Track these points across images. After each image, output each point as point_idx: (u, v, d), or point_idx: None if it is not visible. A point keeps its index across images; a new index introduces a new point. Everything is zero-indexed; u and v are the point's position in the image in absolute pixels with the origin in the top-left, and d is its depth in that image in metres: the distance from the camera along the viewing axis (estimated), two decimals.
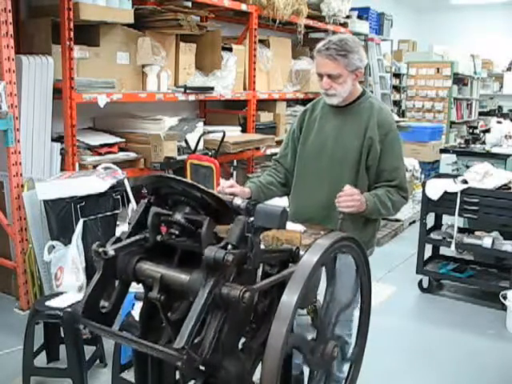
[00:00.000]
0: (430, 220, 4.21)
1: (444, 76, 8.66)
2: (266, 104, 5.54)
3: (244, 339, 1.61)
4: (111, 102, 3.76)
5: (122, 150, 3.99)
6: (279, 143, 4.61)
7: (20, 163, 3.35)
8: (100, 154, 3.82)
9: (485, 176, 3.89)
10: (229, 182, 2.21)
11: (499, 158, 4.74)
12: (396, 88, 9.74)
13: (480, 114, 10.49)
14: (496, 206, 3.74)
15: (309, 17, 5.65)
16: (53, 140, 3.67)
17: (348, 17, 6.43)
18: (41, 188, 3.28)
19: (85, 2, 3.55)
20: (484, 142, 5.31)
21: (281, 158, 2.52)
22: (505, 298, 3.59)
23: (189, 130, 4.33)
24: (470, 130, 6.18)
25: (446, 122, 8.62)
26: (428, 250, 4.27)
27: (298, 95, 5.77)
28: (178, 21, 4.14)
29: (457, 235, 3.93)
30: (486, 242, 3.89)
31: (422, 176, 6.19)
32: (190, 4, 4.62)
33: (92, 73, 3.76)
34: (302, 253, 1.61)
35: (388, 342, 3.27)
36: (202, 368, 1.43)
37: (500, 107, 11.29)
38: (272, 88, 5.49)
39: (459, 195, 3.81)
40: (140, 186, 1.62)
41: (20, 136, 3.35)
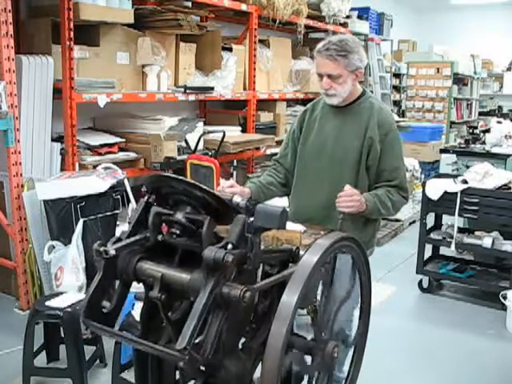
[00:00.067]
0: (430, 220, 4.21)
1: (444, 76, 8.66)
2: (266, 104, 5.53)
3: (244, 339, 1.62)
4: (111, 102, 3.76)
5: (122, 149, 3.99)
6: (279, 143, 4.61)
7: (20, 163, 3.35)
8: (100, 154, 3.82)
9: (485, 176, 3.89)
10: (229, 182, 2.21)
11: (499, 158, 4.74)
12: (396, 88, 9.74)
13: (480, 113, 10.49)
14: (496, 206, 3.74)
15: (309, 17, 5.65)
16: (53, 140, 3.67)
17: (348, 17, 6.43)
18: (41, 188, 3.28)
19: (85, 2, 3.55)
20: (484, 142, 5.31)
21: (281, 158, 2.52)
22: (505, 297, 3.59)
23: (189, 130, 4.33)
24: (470, 130, 6.18)
25: (446, 122, 8.61)
26: (428, 250, 4.27)
27: (298, 95, 5.77)
28: (178, 21, 4.13)
29: (457, 235, 3.93)
30: (486, 242, 3.89)
31: (422, 176, 6.19)
32: (189, 4, 4.62)
33: (92, 73, 3.76)
34: (301, 253, 1.61)
35: (388, 342, 3.27)
36: (202, 368, 1.44)
37: (500, 107, 11.29)
38: (272, 88, 5.49)
39: (459, 195, 3.81)
40: (140, 185, 1.61)
41: (20, 136, 3.35)
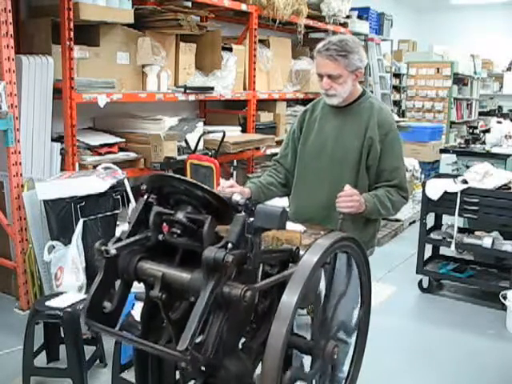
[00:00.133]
0: (430, 220, 4.21)
1: (444, 76, 8.66)
2: (266, 104, 5.53)
3: (244, 339, 1.62)
4: (111, 102, 3.76)
5: (122, 149, 3.99)
6: (279, 143, 4.61)
7: (20, 163, 3.35)
8: (100, 154, 3.82)
9: (485, 176, 3.89)
10: (229, 182, 2.21)
11: (499, 158, 4.74)
12: (396, 88, 9.74)
13: (480, 113, 10.49)
14: (496, 206, 3.74)
15: (309, 17, 5.65)
16: (53, 140, 3.67)
17: (348, 17, 6.43)
18: (41, 188, 3.28)
19: (85, 2, 3.55)
20: (484, 142, 5.31)
21: (281, 159, 2.52)
22: (505, 297, 3.59)
23: (189, 130, 4.33)
24: (470, 130, 6.18)
25: (446, 122, 8.61)
26: (428, 250, 4.27)
27: (298, 95, 5.77)
28: (178, 21, 4.13)
29: (457, 235, 3.93)
30: (486, 242, 3.89)
31: (422, 176, 6.19)
32: (189, 4, 4.62)
33: (92, 73, 3.76)
34: (301, 253, 1.61)
35: (388, 342, 3.27)
36: (203, 368, 1.44)
37: (500, 107, 11.29)
38: (272, 88, 5.48)
39: (459, 195, 3.81)
40: (139, 185, 1.61)
41: (20, 136, 3.35)
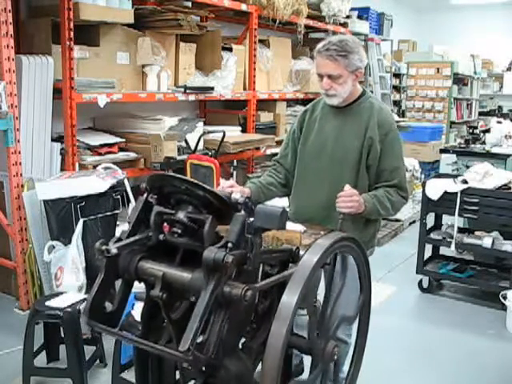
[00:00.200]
0: (430, 220, 4.21)
1: (444, 76, 8.66)
2: (266, 104, 5.53)
3: (244, 339, 1.62)
4: (111, 102, 3.76)
5: (122, 149, 3.99)
6: (279, 143, 4.61)
7: (20, 163, 3.35)
8: (100, 154, 3.82)
9: (485, 176, 3.89)
10: (229, 182, 2.22)
11: (499, 158, 4.74)
12: (396, 88, 9.74)
13: (480, 113, 10.49)
14: (496, 206, 3.74)
15: (309, 17, 5.65)
16: (53, 140, 3.66)
17: (348, 17, 6.42)
18: (41, 188, 3.28)
19: (85, 2, 3.55)
20: (484, 142, 5.30)
21: (281, 159, 2.52)
22: (505, 298, 3.59)
23: (189, 130, 4.33)
24: (470, 130, 6.18)
25: (446, 122, 8.61)
26: (428, 250, 4.27)
27: (298, 95, 5.77)
28: (178, 21, 4.13)
29: (457, 235, 3.93)
30: (486, 242, 3.89)
31: (422, 176, 6.18)
32: (189, 4, 4.62)
33: (92, 73, 3.75)
34: (301, 253, 1.61)
35: (388, 342, 3.27)
36: (203, 368, 1.44)
37: (500, 107, 11.29)
38: (272, 88, 5.48)
39: (459, 195, 3.81)
40: (139, 185, 1.61)
41: (20, 136, 3.35)
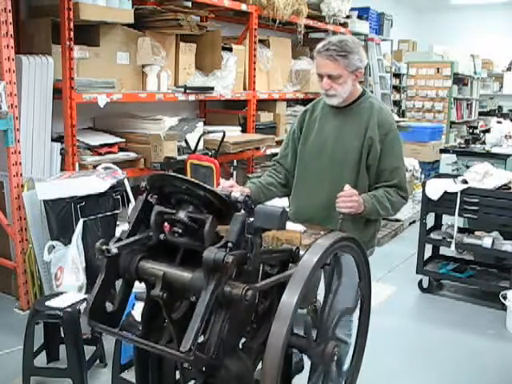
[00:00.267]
0: (430, 220, 4.21)
1: (444, 76, 8.66)
2: (266, 104, 5.53)
3: (244, 339, 1.62)
4: (111, 102, 3.76)
5: (122, 149, 3.99)
6: (279, 143, 4.61)
7: (20, 163, 3.35)
8: (100, 154, 3.82)
9: (485, 176, 3.89)
10: (229, 182, 2.22)
11: (499, 158, 4.74)
12: (396, 88, 9.74)
13: (480, 113, 10.49)
14: (496, 206, 3.74)
15: (309, 17, 5.65)
16: (53, 140, 3.67)
17: (348, 17, 6.43)
18: (41, 188, 3.28)
19: (85, 2, 3.55)
20: (484, 142, 5.31)
21: (281, 159, 2.52)
22: (505, 298, 3.59)
23: (189, 130, 4.33)
24: (470, 130, 6.18)
25: (446, 122, 8.61)
26: (428, 250, 4.27)
27: (298, 95, 5.77)
28: (178, 21, 4.13)
29: (457, 235, 3.93)
30: (486, 242, 3.89)
31: (422, 176, 6.19)
32: (190, 4, 4.62)
33: (92, 73, 3.76)
34: (301, 253, 1.61)
35: (388, 342, 3.27)
36: (203, 368, 1.44)
37: (500, 107, 11.29)
38: (272, 88, 5.49)
39: (459, 195, 3.81)
40: (139, 185, 1.61)
41: (20, 136, 3.35)
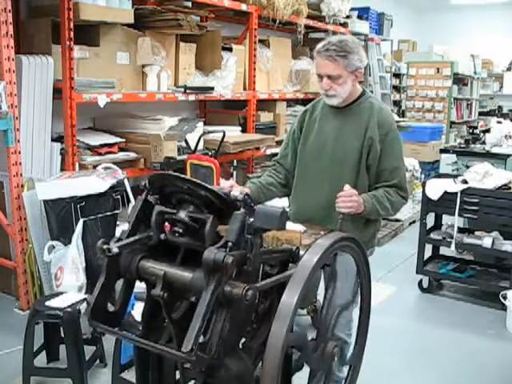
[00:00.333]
0: (430, 220, 4.21)
1: (444, 76, 8.66)
2: (266, 104, 5.53)
3: (244, 339, 1.62)
4: (111, 102, 3.76)
5: (122, 149, 3.99)
6: (279, 143, 4.61)
7: (20, 163, 3.35)
8: (100, 154, 3.82)
9: (485, 176, 3.89)
10: (229, 182, 2.22)
11: (499, 158, 4.74)
12: (396, 88, 9.74)
13: (480, 113, 10.49)
14: (496, 206, 3.74)
15: (309, 17, 5.65)
16: (53, 140, 3.67)
17: (348, 17, 6.43)
18: (41, 188, 3.28)
19: (85, 2, 3.55)
20: (484, 142, 5.31)
21: (281, 159, 2.52)
22: (505, 298, 3.59)
23: (189, 130, 4.33)
24: (470, 130, 6.18)
25: (446, 122, 8.61)
26: (428, 250, 4.27)
27: (298, 95, 5.77)
28: (178, 21, 4.13)
29: (457, 235, 3.93)
30: (486, 242, 3.89)
31: (422, 176, 6.19)
32: (190, 4, 4.62)
33: (92, 73, 3.76)
34: (301, 253, 1.61)
35: (388, 342, 3.27)
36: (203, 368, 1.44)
37: (500, 107, 11.29)
38: (272, 88, 5.48)
39: (459, 195, 3.81)
40: (139, 185, 1.61)
41: (20, 136, 3.35)
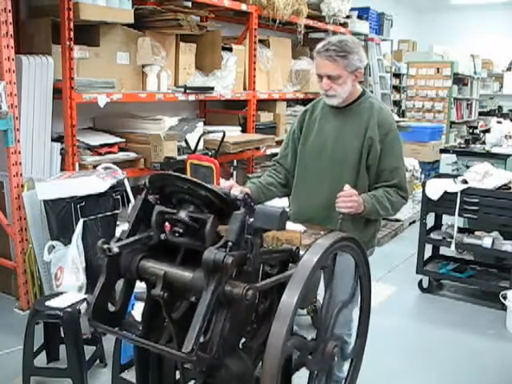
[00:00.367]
0: (430, 220, 4.21)
1: (444, 76, 8.66)
2: (266, 104, 5.53)
3: (244, 339, 1.62)
4: (111, 102, 3.76)
5: (122, 149, 3.99)
6: (279, 143, 4.61)
7: (20, 163, 3.35)
8: (100, 154, 3.82)
9: (485, 176, 3.89)
10: (229, 182, 2.22)
11: (499, 158, 4.74)
12: (396, 88, 9.74)
13: (480, 113, 10.49)
14: (496, 206, 3.74)
15: (309, 17, 5.65)
16: (53, 140, 3.66)
17: (348, 17, 6.43)
18: (41, 188, 3.28)
19: (85, 2, 3.55)
20: (484, 142, 5.31)
21: (281, 159, 2.52)
22: (505, 297, 3.59)
23: (189, 130, 4.33)
24: (470, 130, 6.18)
25: (446, 122, 8.61)
26: (428, 250, 4.27)
27: (298, 95, 5.77)
28: (178, 21, 4.13)
29: (457, 235, 3.93)
30: (486, 242, 3.89)
31: (422, 176, 6.19)
32: (190, 4, 4.62)
33: (92, 73, 3.76)
34: (301, 253, 1.61)
35: (388, 342, 3.27)
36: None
37: (500, 107, 11.29)
38: (272, 88, 5.48)
39: (459, 195, 3.81)
40: (139, 185, 1.62)
41: (20, 136, 3.35)
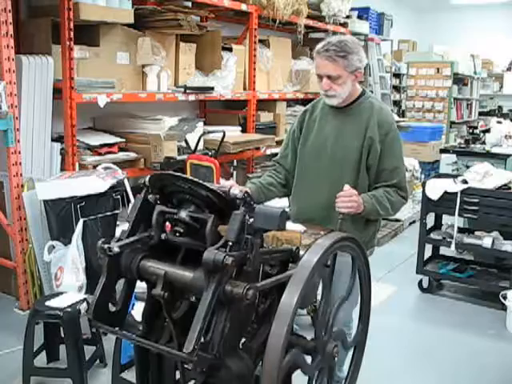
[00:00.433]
0: (430, 220, 4.21)
1: (444, 76, 8.66)
2: (266, 104, 5.53)
3: (244, 339, 1.62)
4: (111, 102, 3.76)
5: (122, 149, 3.99)
6: (279, 143, 4.61)
7: (20, 163, 3.35)
8: (100, 154, 3.82)
9: (485, 176, 3.89)
10: (229, 182, 2.22)
11: (499, 158, 4.74)
12: (396, 88, 9.73)
13: (480, 113, 10.49)
14: (496, 206, 3.74)
15: (309, 17, 5.65)
16: (53, 140, 3.66)
17: (348, 17, 6.43)
18: (41, 188, 3.28)
19: (85, 2, 3.55)
20: (484, 142, 5.31)
21: (281, 159, 2.52)
22: (505, 297, 3.59)
23: (189, 130, 4.33)
24: (470, 130, 6.20)
25: (446, 122, 8.60)
26: (428, 250, 4.27)
27: (298, 95, 5.77)
28: (178, 21, 4.13)
29: (457, 235, 3.93)
30: (486, 242, 3.89)
31: (422, 176, 6.19)
32: (189, 4, 4.62)
33: (92, 73, 3.75)
34: (301, 253, 1.61)
35: (388, 342, 3.27)
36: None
37: (500, 107, 11.29)
38: (272, 88, 5.48)
39: (459, 195, 3.81)
40: (139, 185, 1.62)
41: (20, 136, 3.35)
